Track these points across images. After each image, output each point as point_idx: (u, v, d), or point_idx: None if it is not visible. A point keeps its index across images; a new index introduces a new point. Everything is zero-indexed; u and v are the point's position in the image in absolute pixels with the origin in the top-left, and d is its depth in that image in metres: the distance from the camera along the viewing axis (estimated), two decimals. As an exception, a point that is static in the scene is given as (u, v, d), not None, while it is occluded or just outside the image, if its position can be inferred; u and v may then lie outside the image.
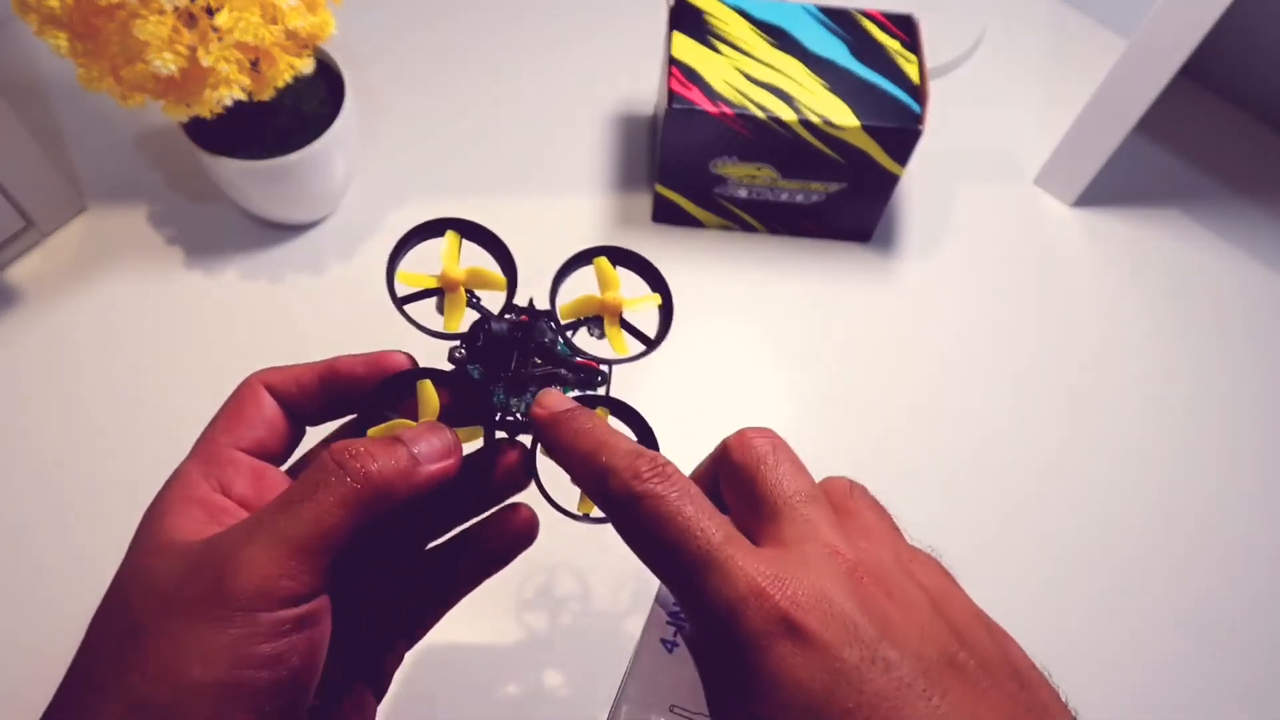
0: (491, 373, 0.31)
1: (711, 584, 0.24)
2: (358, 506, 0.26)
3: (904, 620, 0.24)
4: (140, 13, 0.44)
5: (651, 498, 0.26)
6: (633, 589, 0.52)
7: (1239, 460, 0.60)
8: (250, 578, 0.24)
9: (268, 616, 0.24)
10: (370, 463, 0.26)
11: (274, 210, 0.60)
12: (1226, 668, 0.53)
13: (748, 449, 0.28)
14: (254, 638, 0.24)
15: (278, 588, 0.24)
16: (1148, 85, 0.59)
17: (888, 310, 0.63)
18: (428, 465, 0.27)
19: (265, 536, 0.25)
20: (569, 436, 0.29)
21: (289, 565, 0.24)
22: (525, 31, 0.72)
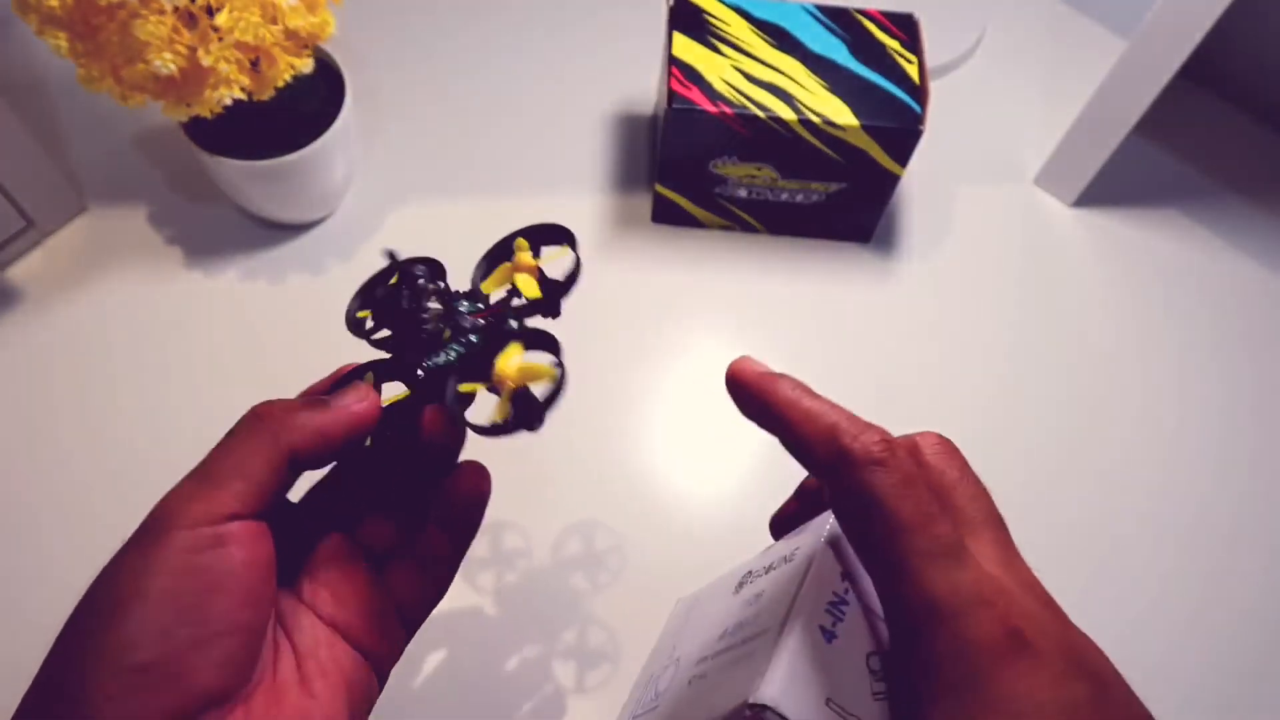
0: (400, 332, 0.33)
1: (947, 578, 0.24)
2: (270, 438, 0.29)
3: (1095, 655, 0.24)
4: (140, 13, 0.44)
5: (890, 468, 0.25)
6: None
7: (1239, 460, 0.60)
8: (172, 503, 0.28)
9: (185, 534, 0.27)
10: (280, 407, 0.30)
11: (274, 210, 0.60)
12: (1227, 663, 0.53)
13: (952, 456, 0.28)
14: (178, 550, 0.27)
15: (194, 508, 0.27)
16: (1148, 85, 0.59)
17: (887, 310, 0.63)
18: (341, 406, 0.30)
19: (190, 475, 0.29)
20: (784, 397, 0.29)
21: (204, 491, 0.28)
22: (525, 31, 0.72)
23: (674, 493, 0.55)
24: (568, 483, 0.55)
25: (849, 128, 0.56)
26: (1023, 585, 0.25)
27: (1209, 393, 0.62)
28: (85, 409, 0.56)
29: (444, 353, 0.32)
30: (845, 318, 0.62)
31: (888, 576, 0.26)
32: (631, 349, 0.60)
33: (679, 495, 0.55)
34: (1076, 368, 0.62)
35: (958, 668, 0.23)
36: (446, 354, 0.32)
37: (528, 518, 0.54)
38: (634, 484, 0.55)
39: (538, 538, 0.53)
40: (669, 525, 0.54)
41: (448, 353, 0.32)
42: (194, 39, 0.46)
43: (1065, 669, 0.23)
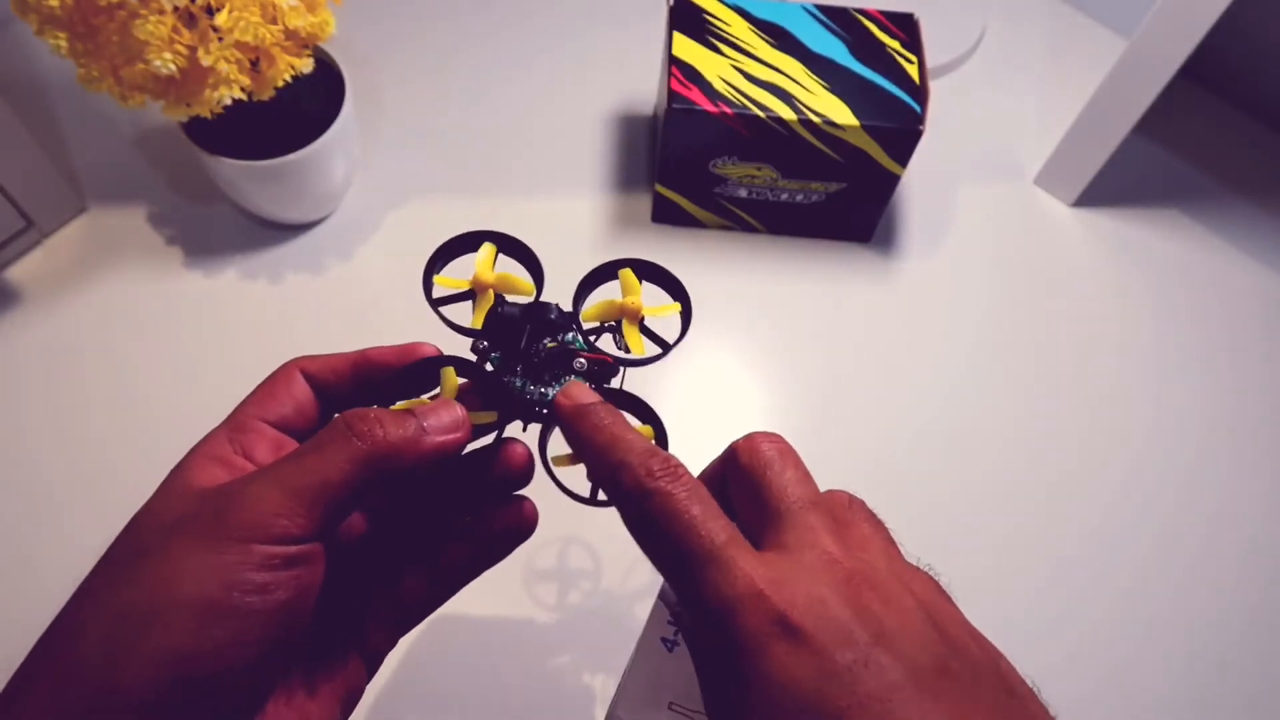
0: (507, 358, 0.32)
1: (711, 582, 0.25)
2: (360, 463, 0.27)
3: (898, 627, 0.24)
4: (140, 13, 0.44)
5: (661, 495, 0.27)
6: (643, 579, 0.52)
7: (1240, 460, 0.60)
8: (249, 512, 0.26)
9: (260, 549, 0.25)
10: (377, 427, 0.28)
11: (274, 210, 0.60)
12: (1233, 674, 0.53)
13: (755, 453, 0.29)
14: (245, 565, 0.25)
15: (273, 524, 0.26)
16: (1148, 85, 0.59)
17: (887, 310, 0.63)
18: (433, 436, 0.29)
19: (269, 480, 0.27)
20: (588, 428, 0.30)
21: (286, 506, 0.26)
22: (525, 31, 0.72)
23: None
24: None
25: (849, 128, 0.56)
26: (826, 565, 0.26)
27: (1209, 392, 0.62)
28: (85, 409, 0.56)
29: (550, 388, 0.32)
30: (845, 318, 0.62)
31: (675, 590, 0.27)
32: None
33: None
34: (1076, 367, 0.62)
35: (725, 660, 0.25)
36: (555, 389, 0.32)
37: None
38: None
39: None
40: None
41: (555, 387, 0.32)
42: (194, 39, 0.46)
43: (830, 641, 0.23)
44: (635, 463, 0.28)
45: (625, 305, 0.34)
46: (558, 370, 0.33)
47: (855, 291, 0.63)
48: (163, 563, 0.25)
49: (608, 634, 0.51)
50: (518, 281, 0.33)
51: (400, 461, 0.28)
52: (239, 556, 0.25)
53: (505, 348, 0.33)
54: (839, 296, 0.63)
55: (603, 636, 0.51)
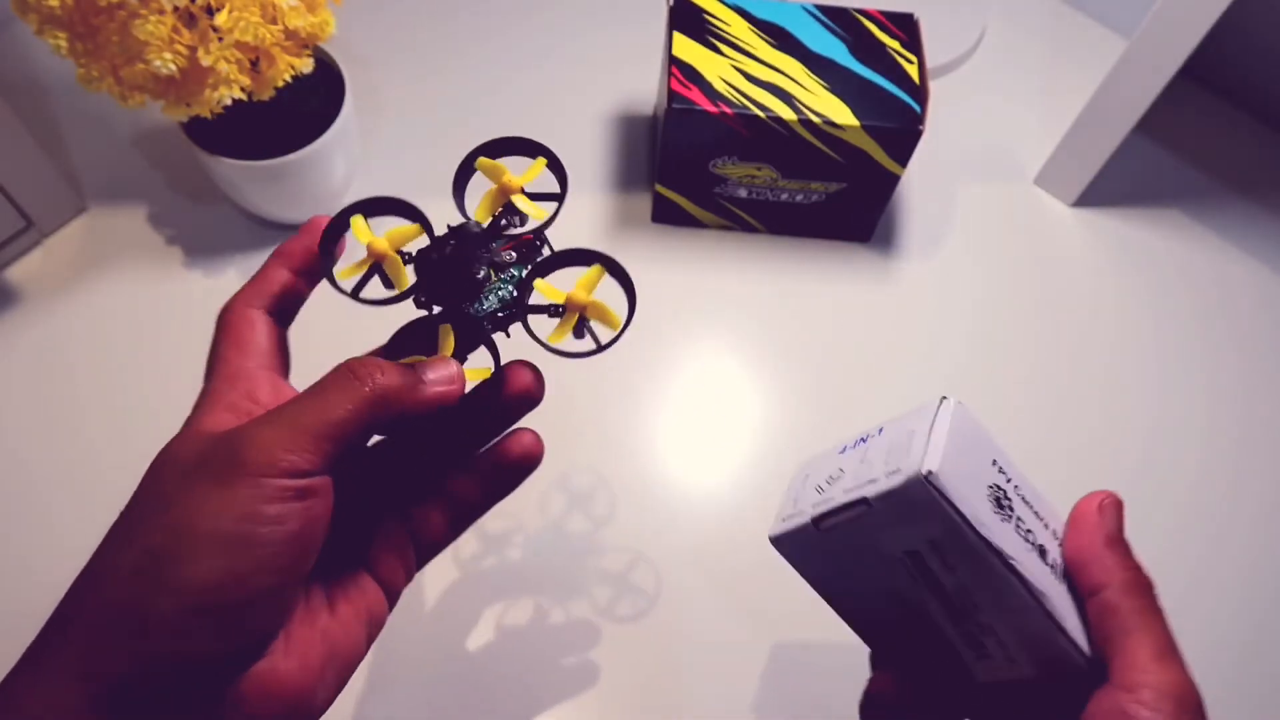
0: (453, 293, 0.33)
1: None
2: (363, 405, 0.29)
3: None
4: (140, 13, 0.44)
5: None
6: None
7: (1241, 459, 0.60)
8: (260, 450, 0.27)
9: (271, 483, 0.27)
10: (378, 372, 0.30)
11: (274, 210, 0.60)
12: (1239, 668, 0.53)
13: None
14: (258, 499, 0.27)
15: (282, 460, 0.27)
16: (1148, 85, 0.59)
17: (887, 310, 0.63)
18: (431, 387, 0.31)
19: (278, 420, 0.28)
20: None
21: (295, 443, 0.28)
22: (525, 31, 0.72)
23: (673, 491, 0.55)
24: (562, 485, 0.55)
25: (849, 128, 0.56)
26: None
27: (1210, 391, 0.62)
28: (85, 409, 0.56)
29: (495, 295, 0.33)
30: (845, 318, 0.62)
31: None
32: (631, 349, 0.60)
33: (678, 493, 0.55)
34: (1077, 367, 0.62)
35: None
36: (500, 294, 0.33)
37: (523, 516, 0.54)
38: (634, 483, 0.55)
39: (533, 536, 0.53)
40: (668, 523, 0.54)
41: (500, 293, 0.33)
42: (194, 39, 0.46)
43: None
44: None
45: (503, 185, 0.34)
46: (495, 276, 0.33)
47: (855, 291, 0.63)
48: (183, 504, 0.27)
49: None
50: (403, 229, 0.34)
51: (399, 405, 0.30)
52: (252, 492, 0.27)
53: (442, 287, 0.33)
54: (839, 296, 0.63)
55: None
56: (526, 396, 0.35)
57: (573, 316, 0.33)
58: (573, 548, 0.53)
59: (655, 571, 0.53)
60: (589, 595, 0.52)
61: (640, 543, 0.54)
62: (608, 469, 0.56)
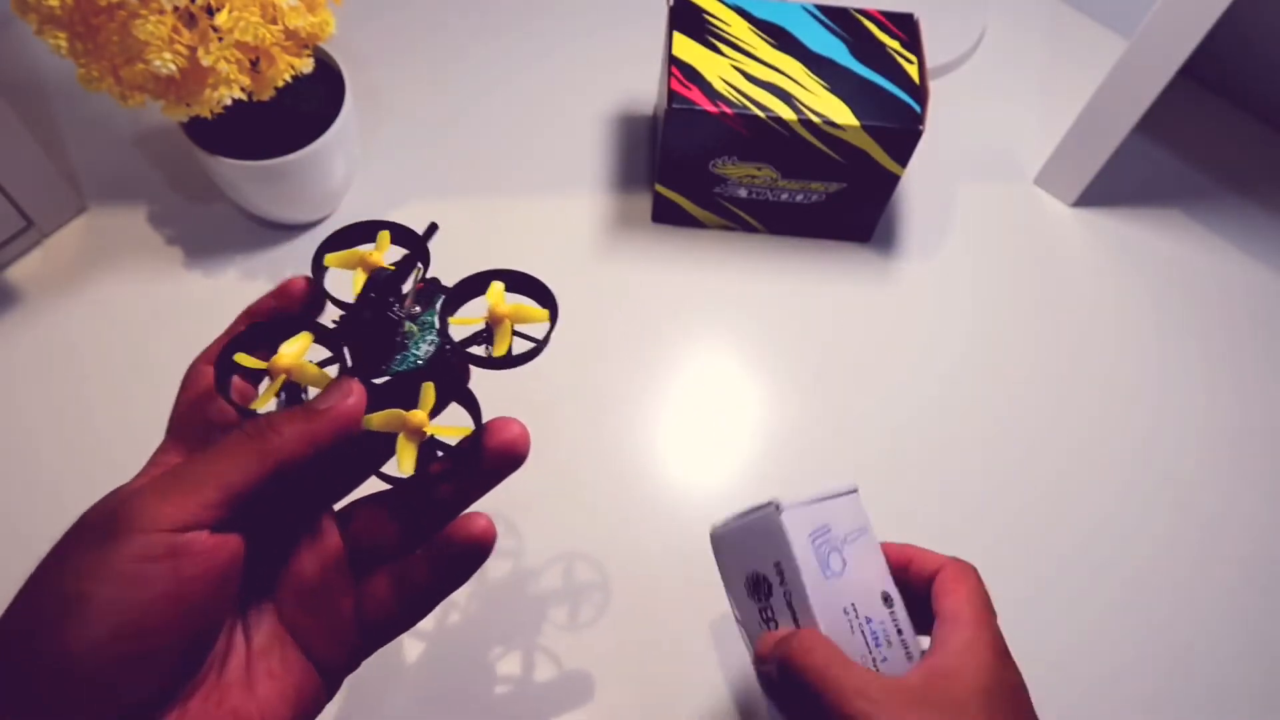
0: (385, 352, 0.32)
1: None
2: (255, 452, 0.28)
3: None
4: (140, 13, 0.44)
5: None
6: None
7: (1240, 459, 0.60)
8: (138, 508, 0.27)
9: (144, 539, 0.26)
10: (269, 421, 0.29)
11: (274, 210, 0.60)
12: (1239, 667, 0.53)
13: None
14: (131, 558, 0.26)
15: (161, 517, 0.26)
16: (1148, 85, 0.59)
17: (887, 310, 0.63)
18: (328, 412, 0.29)
19: (167, 477, 0.28)
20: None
21: (171, 495, 0.27)
22: (525, 31, 0.72)
23: (673, 490, 0.55)
24: (563, 484, 0.55)
25: (849, 128, 0.56)
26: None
27: (1210, 391, 0.62)
28: (85, 409, 0.56)
29: (423, 342, 0.32)
30: (845, 318, 0.62)
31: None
32: (631, 348, 0.60)
33: (678, 493, 0.55)
34: (1076, 367, 0.62)
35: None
36: (428, 339, 0.32)
37: (522, 516, 0.54)
38: (633, 483, 0.55)
39: (531, 535, 0.53)
40: (668, 522, 0.54)
41: (427, 339, 0.32)
42: (194, 39, 0.46)
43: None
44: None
45: (366, 261, 0.33)
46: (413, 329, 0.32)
47: (855, 291, 0.63)
48: (64, 565, 0.27)
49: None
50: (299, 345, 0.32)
51: (299, 443, 0.28)
52: (125, 551, 0.26)
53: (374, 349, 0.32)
54: (839, 296, 0.63)
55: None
56: (512, 451, 0.33)
57: (503, 328, 0.32)
58: (578, 551, 0.53)
59: (684, 576, 0.53)
60: (624, 602, 0.52)
61: (640, 545, 0.54)
62: (608, 469, 0.56)
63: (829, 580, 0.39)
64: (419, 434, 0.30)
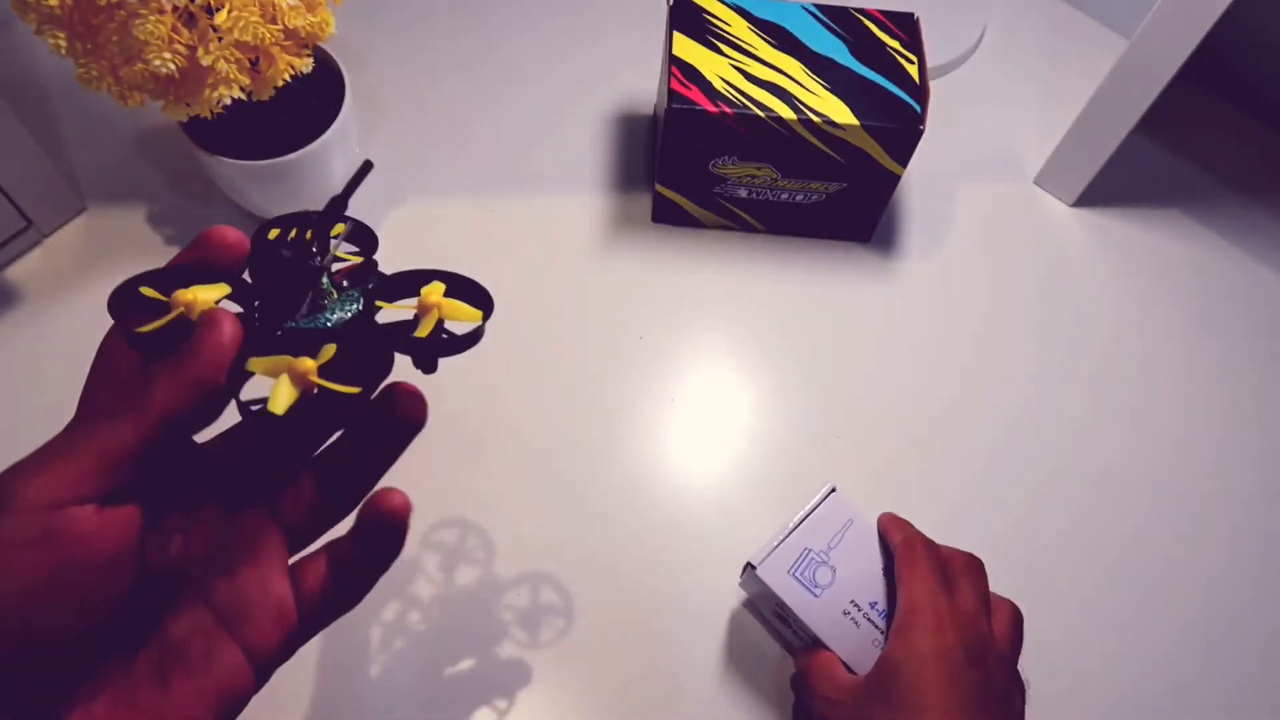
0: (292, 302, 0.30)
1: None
2: (131, 408, 0.26)
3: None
4: (140, 12, 0.44)
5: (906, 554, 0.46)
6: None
7: (1240, 459, 0.60)
8: (10, 483, 0.25)
9: (11, 520, 0.24)
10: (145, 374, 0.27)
11: (274, 210, 0.60)
12: (1238, 663, 0.53)
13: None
14: (8, 541, 0.24)
15: (20, 491, 0.24)
16: (1148, 85, 0.59)
17: (887, 310, 0.63)
18: (201, 351, 0.26)
19: (40, 451, 0.26)
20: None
21: (39, 470, 0.25)
22: (525, 31, 0.72)
23: (673, 490, 0.55)
24: (566, 483, 0.55)
25: (849, 127, 0.56)
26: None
27: (1210, 391, 0.62)
28: (85, 409, 0.55)
29: (340, 309, 0.30)
30: (845, 317, 0.62)
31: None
32: (631, 348, 0.60)
33: (678, 493, 0.55)
34: (1076, 367, 0.62)
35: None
36: (347, 308, 0.30)
37: (520, 517, 0.54)
38: (633, 483, 0.55)
39: (529, 535, 0.53)
40: (668, 522, 0.54)
41: (347, 307, 0.30)
42: (193, 38, 0.46)
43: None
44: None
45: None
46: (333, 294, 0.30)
47: (855, 291, 0.63)
48: None
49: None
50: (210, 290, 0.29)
51: (181, 389, 0.26)
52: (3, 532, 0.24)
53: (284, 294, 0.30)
54: (839, 296, 0.63)
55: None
56: (410, 414, 0.31)
57: (430, 316, 0.29)
58: (578, 550, 0.53)
59: (683, 575, 0.53)
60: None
61: (639, 545, 0.54)
62: (606, 469, 0.56)
63: (821, 597, 0.45)
64: (303, 380, 0.27)
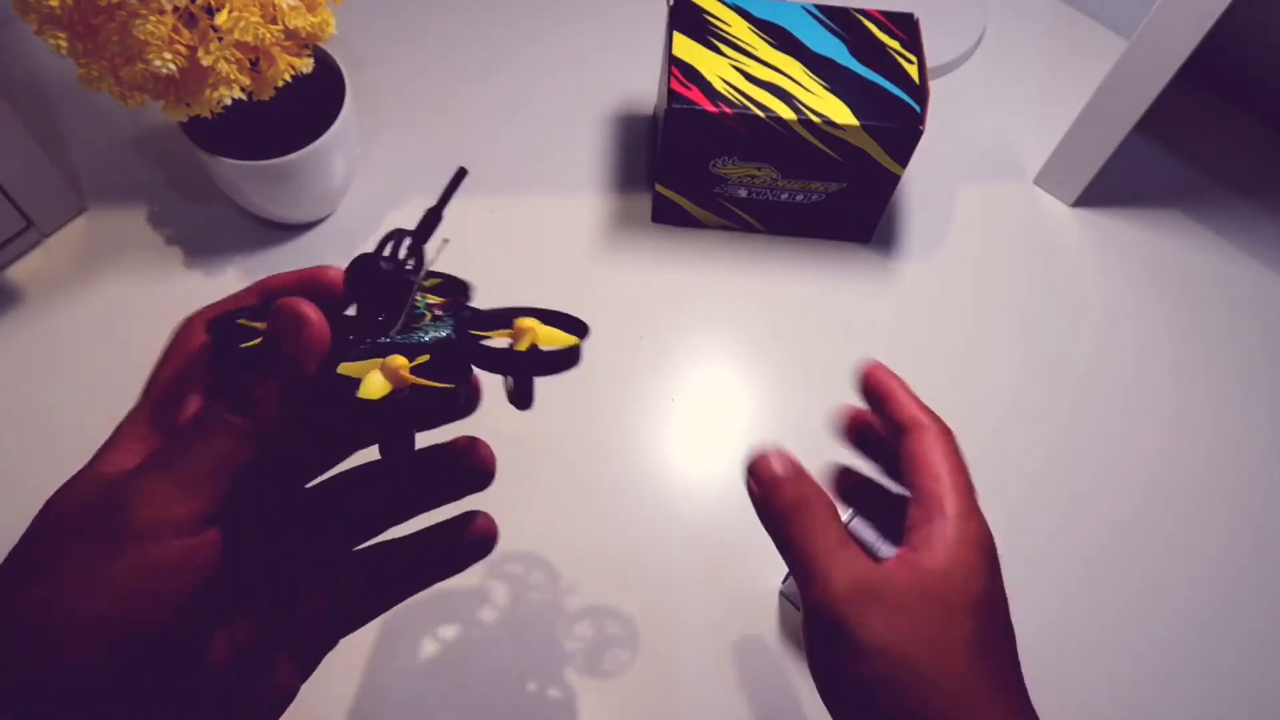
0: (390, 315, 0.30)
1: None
2: (246, 439, 0.26)
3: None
4: (140, 12, 0.44)
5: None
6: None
7: (1239, 459, 0.60)
8: (141, 509, 0.24)
9: (160, 547, 0.24)
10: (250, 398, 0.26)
11: (274, 210, 0.60)
12: (1232, 663, 0.53)
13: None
14: (148, 568, 0.24)
15: (171, 515, 0.24)
16: (1148, 85, 0.59)
17: (887, 310, 0.63)
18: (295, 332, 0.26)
19: (157, 471, 0.25)
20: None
21: (190, 496, 0.24)
22: (525, 31, 0.72)
23: (673, 491, 0.55)
24: (564, 484, 0.55)
25: (849, 128, 0.56)
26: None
27: (1209, 391, 0.62)
28: (85, 409, 0.55)
29: (434, 331, 0.30)
30: (845, 317, 0.62)
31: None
32: (631, 349, 0.60)
33: (678, 493, 0.55)
34: (1076, 366, 0.62)
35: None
36: (440, 332, 0.29)
37: (521, 516, 0.54)
38: (633, 483, 0.55)
39: (529, 535, 0.53)
40: (668, 523, 0.54)
41: (440, 331, 0.29)
42: (194, 39, 0.46)
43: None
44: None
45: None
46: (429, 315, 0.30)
47: (855, 291, 0.63)
48: (55, 573, 0.24)
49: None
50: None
51: (283, 412, 0.26)
52: (127, 561, 0.24)
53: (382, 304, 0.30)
54: (839, 296, 0.63)
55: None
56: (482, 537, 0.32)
57: (526, 338, 0.30)
58: (576, 551, 0.53)
59: (683, 575, 0.53)
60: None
61: (639, 545, 0.54)
62: (607, 470, 0.56)
63: None
64: (396, 375, 0.27)
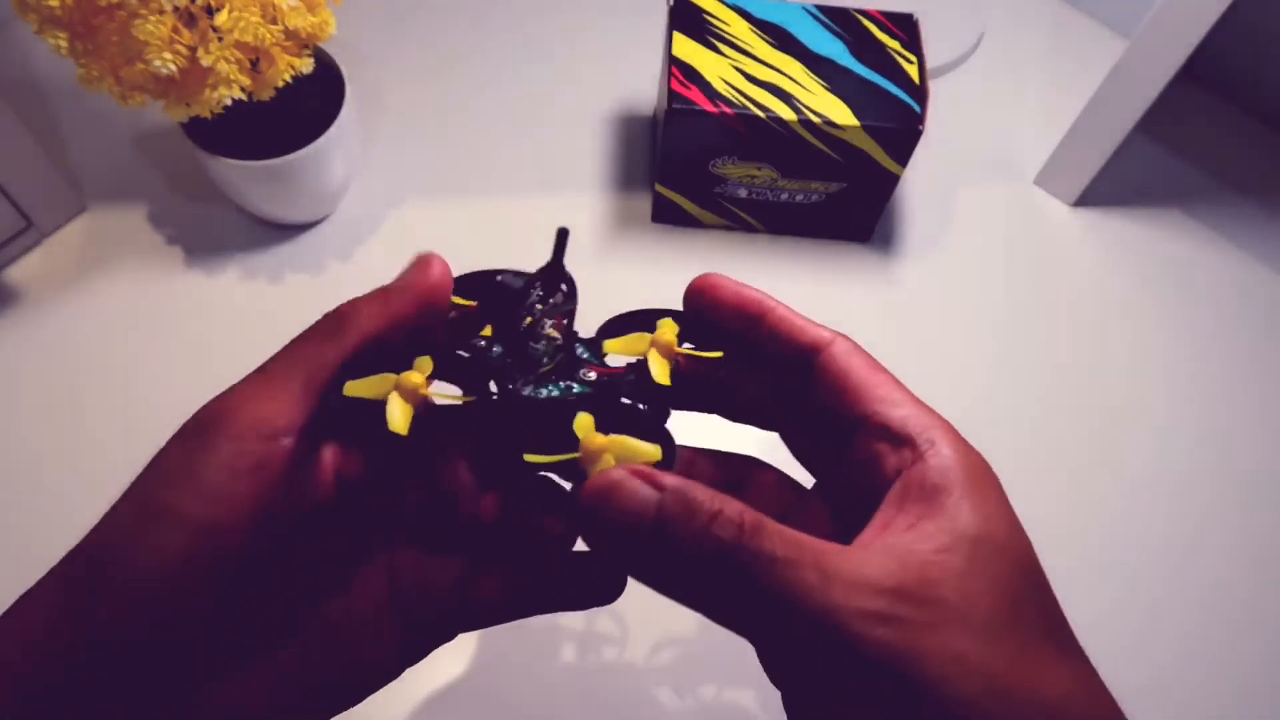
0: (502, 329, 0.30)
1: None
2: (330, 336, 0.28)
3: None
4: (140, 13, 0.44)
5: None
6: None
7: (1239, 458, 0.60)
8: (232, 406, 0.25)
9: (236, 445, 0.25)
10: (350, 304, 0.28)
11: (274, 210, 0.60)
12: (1235, 659, 0.53)
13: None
14: (219, 462, 0.24)
15: (254, 415, 0.25)
16: (1148, 85, 0.59)
17: (887, 310, 0.63)
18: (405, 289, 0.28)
19: (253, 375, 0.27)
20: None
21: (270, 396, 0.26)
22: (525, 31, 0.72)
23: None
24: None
25: (849, 128, 0.56)
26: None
27: (1209, 392, 0.62)
28: (85, 409, 0.56)
29: (546, 387, 0.28)
30: (845, 317, 0.62)
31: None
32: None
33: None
34: (1076, 367, 0.62)
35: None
36: (548, 389, 0.28)
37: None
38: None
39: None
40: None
41: (549, 388, 0.28)
42: (194, 39, 0.46)
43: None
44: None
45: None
46: (558, 373, 0.29)
47: (855, 291, 0.63)
48: (152, 469, 0.26)
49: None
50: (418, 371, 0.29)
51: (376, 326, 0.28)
52: (207, 457, 0.24)
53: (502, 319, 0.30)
54: (839, 296, 0.63)
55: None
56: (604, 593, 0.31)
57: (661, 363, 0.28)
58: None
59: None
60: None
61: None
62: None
63: None
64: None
